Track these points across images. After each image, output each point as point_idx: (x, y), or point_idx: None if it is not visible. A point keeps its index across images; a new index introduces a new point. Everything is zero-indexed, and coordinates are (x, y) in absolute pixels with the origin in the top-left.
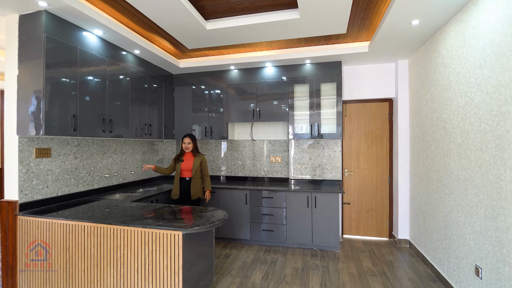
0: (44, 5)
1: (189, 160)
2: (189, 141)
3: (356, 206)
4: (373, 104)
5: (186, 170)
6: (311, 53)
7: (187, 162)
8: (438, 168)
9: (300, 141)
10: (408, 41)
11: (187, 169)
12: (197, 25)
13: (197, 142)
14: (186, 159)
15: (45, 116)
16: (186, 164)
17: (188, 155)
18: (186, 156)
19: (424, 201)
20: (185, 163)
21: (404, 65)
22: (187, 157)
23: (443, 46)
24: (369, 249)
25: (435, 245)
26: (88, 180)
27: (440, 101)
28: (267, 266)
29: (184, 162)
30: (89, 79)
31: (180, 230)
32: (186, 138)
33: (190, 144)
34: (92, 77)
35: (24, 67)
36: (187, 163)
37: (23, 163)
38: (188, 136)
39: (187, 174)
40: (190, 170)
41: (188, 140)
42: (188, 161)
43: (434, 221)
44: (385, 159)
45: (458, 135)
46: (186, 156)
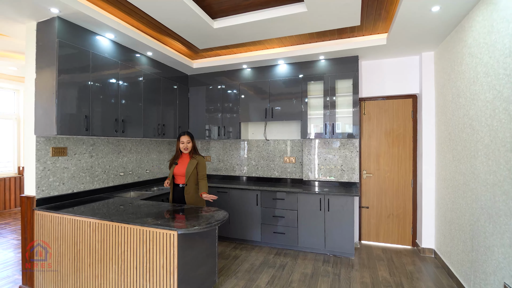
0: (56, 11)
1: (184, 164)
2: (188, 139)
3: (375, 210)
4: (395, 101)
5: (179, 176)
6: (324, 48)
7: (181, 166)
8: (465, 171)
9: (314, 141)
10: (430, 31)
11: (180, 174)
12: (204, 24)
13: (195, 141)
14: (181, 162)
15: (57, 117)
16: (179, 168)
17: (184, 157)
18: (182, 158)
19: (449, 207)
20: (178, 167)
21: (429, 58)
22: (183, 160)
23: (470, 34)
24: (388, 257)
25: (460, 257)
26: (103, 178)
27: (467, 96)
28: (275, 270)
29: (178, 165)
30: (101, 81)
31: (175, 230)
32: (184, 136)
33: (190, 144)
34: (104, 79)
35: (41, 71)
36: (180, 167)
37: (40, 161)
38: (187, 134)
39: (181, 180)
40: (183, 175)
41: (187, 138)
42: (182, 164)
43: (460, 230)
44: (408, 160)
45: (486, 134)
46: (182, 159)
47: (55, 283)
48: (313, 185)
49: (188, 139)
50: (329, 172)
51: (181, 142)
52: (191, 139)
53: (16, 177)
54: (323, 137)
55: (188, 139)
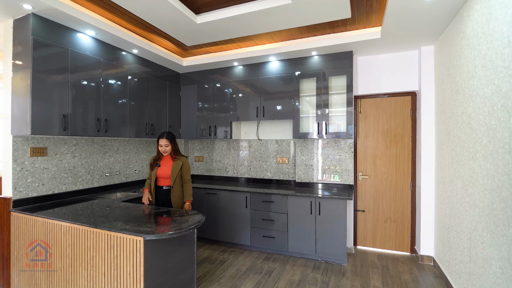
0: (29, 8)
1: (167, 165)
2: (166, 143)
3: (372, 214)
4: (392, 99)
5: (164, 178)
6: (316, 44)
7: (165, 168)
8: (463, 174)
9: (307, 141)
10: (427, 23)
11: (164, 176)
12: (186, 19)
13: (176, 142)
14: (163, 163)
15: (31, 116)
16: (163, 170)
17: (166, 159)
18: (164, 160)
19: (448, 213)
20: (162, 168)
21: (428, 52)
22: (165, 161)
23: (468, 24)
24: (383, 265)
25: (458, 267)
26: (87, 179)
27: (466, 92)
28: (260, 276)
29: (161, 167)
30: (81, 80)
31: (141, 236)
32: (161, 139)
33: (168, 147)
34: (85, 78)
35: (17, 69)
36: (164, 168)
37: (17, 162)
38: (165, 137)
39: (165, 182)
40: (168, 178)
41: (165, 142)
42: (166, 166)
43: (458, 239)
44: (406, 161)
45: (484, 134)
46: (164, 160)
47: (30, 286)
48: (305, 187)
49: (166, 143)
50: (323, 173)
51: (160, 145)
52: (169, 141)
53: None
54: (316, 137)
55: (167, 143)
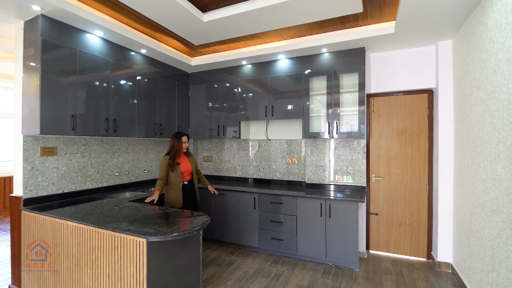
0: (38, 9)
1: (185, 161)
2: (187, 140)
3: (385, 217)
4: (407, 97)
5: (187, 173)
6: (326, 40)
7: (185, 164)
8: (485, 176)
9: (317, 141)
10: (444, 15)
11: (187, 172)
12: (193, 17)
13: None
14: (180, 160)
15: (40, 116)
16: (185, 166)
17: (182, 156)
18: (181, 157)
19: (468, 218)
20: (182, 165)
21: (446, 47)
22: (181, 159)
23: (491, 15)
24: (397, 271)
25: (479, 277)
26: (96, 178)
27: (487, 88)
28: (268, 280)
29: (181, 164)
30: (90, 80)
31: (144, 237)
32: (184, 136)
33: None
34: (93, 78)
35: (27, 70)
36: (185, 165)
37: (28, 161)
38: (186, 135)
39: (186, 178)
40: (190, 173)
41: (187, 139)
42: (184, 162)
43: (479, 246)
44: (422, 162)
45: (508, 134)
46: (179, 158)
47: (39, 285)
48: (315, 188)
49: (187, 140)
50: (334, 174)
51: (183, 142)
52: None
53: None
54: (327, 137)
55: (187, 139)
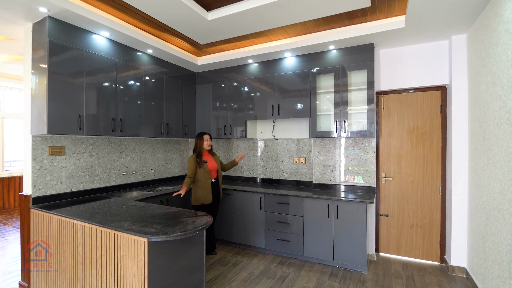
0: (45, 11)
1: (211, 160)
2: (209, 138)
3: (396, 219)
4: (419, 94)
5: (213, 171)
6: (334, 37)
7: (211, 162)
8: (502, 177)
9: (325, 141)
10: (458, 7)
11: (214, 170)
12: (197, 16)
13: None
14: (207, 159)
15: (48, 116)
16: (211, 164)
17: (206, 154)
18: (205, 156)
19: (483, 220)
20: (209, 164)
21: (460, 41)
22: (206, 157)
23: (508, 5)
24: (408, 275)
25: (495, 283)
26: (104, 178)
27: (504, 83)
28: (273, 281)
29: (208, 162)
30: (96, 80)
31: (146, 237)
32: (206, 135)
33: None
34: (99, 78)
35: (36, 71)
36: (211, 163)
37: (37, 160)
38: (208, 134)
39: (214, 175)
40: (216, 171)
41: (208, 137)
42: (210, 161)
43: (495, 250)
44: (435, 162)
45: None
46: (205, 157)
47: (46, 282)
48: (323, 188)
49: (210, 138)
50: (342, 174)
51: (205, 139)
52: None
53: None
54: (335, 136)
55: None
